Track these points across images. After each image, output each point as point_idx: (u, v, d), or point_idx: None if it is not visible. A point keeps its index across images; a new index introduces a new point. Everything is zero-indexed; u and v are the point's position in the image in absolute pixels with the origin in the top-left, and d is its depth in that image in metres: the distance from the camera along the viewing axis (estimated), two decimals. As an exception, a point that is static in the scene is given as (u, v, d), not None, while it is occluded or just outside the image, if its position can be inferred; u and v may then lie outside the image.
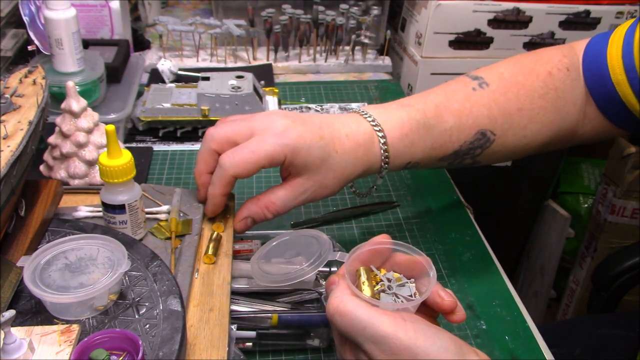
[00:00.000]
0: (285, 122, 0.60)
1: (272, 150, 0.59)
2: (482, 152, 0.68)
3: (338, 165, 0.62)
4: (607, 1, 1.13)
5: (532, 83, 0.68)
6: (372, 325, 0.46)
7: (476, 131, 0.66)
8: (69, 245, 0.53)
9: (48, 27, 0.80)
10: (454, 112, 0.66)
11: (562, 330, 0.98)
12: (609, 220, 1.44)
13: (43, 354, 0.45)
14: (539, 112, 0.68)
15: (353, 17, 1.17)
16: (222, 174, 0.60)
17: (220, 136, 0.62)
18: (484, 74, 0.69)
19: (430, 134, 0.65)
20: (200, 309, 0.56)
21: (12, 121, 0.58)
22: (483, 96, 0.67)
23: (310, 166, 0.61)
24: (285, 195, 0.62)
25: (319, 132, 0.61)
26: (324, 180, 0.62)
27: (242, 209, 0.64)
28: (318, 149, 0.60)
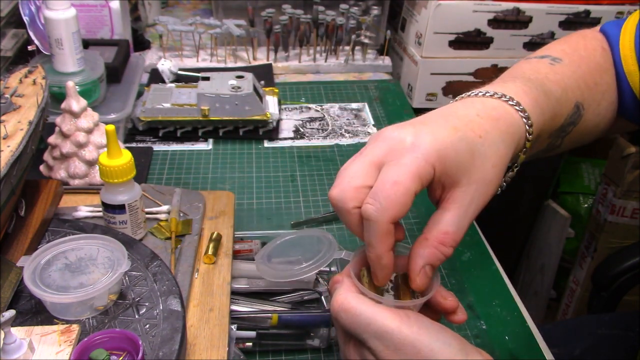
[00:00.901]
0: (407, 132, 0.49)
1: (416, 168, 0.47)
2: (573, 129, 0.61)
3: (490, 150, 0.50)
4: (607, 1, 1.13)
5: (595, 58, 0.64)
6: (375, 321, 0.46)
7: (574, 103, 0.60)
8: (69, 245, 0.53)
9: (48, 27, 0.80)
10: (555, 82, 0.59)
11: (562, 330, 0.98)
12: (609, 220, 1.44)
13: (43, 354, 0.45)
14: (607, 88, 0.64)
15: (353, 17, 1.17)
16: (376, 228, 0.47)
17: (349, 191, 0.48)
18: (548, 52, 0.63)
19: (550, 100, 0.56)
20: (200, 309, 0.56)
21: (12, 121, 0.58)
22: (564, 69, 0.61)
23: (463, 166, 0.49)
24: (455, 216, 0.49)
25: (449, 124, 0.50)
26: (485, 175, 0.50)
27: (415, 258, 0.49)
28: (460, 141, 0.48)
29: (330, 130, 1.01)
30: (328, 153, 0.95)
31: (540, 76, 0.59)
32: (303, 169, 0.91)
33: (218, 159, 0.92)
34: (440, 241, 0.49)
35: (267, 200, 0.83)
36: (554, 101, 0.57)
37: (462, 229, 0.50)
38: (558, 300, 1.66)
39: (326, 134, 1.00)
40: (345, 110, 1.07)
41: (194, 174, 0.88)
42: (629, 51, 0.64)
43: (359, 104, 1.10)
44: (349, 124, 1.03)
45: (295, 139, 0.98)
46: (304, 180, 0.88)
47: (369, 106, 1.09)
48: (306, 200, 0.84)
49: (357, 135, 1.00)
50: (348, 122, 1.04)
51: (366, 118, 1.05)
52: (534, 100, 0.54)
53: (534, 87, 0.55)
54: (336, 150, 0.96)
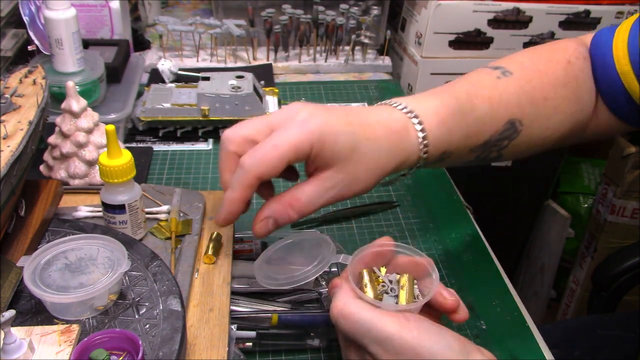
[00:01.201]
0: (306, 110, 0.54)
1: (296, 140, 0.52)
2: (509, 144, 0.64)
3: (371, 155, 0.54)
4: (607, 1, 1.13)
5: (554, 71, 0.65)
6: (375, 327, 0.46)
7: (507, 120, 0.62)
8: (69, 245, 0.53)
9: (48, 27, 0.80)
10: (485, 99, 0.61)
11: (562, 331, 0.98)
12: (609, 220, 1.44)
13: (43, 354, 0.45)
14: (563, 102, 0.65)
15: (353, 17, 1.17)
16: (244, 176, 0.53)
17: (238, 136, 0.55)
18: (504, 64, 0.66)
19: (466, 120, 0.60)
20: (200, 309, 0.56)
21: (12, 121, 0.58)
22: (509, 84, 0.63)
23: (339, 155, 0.53)
24: (312, 190, 0.54)
25: (346, 117, 0.54)
26: (356, 172, 0.54)
27: (263, 208, 0.56)
28: (346, 134, 0.53)
29: (330, 130, 1.01)
30: (328, 153, 0.95)
31: (473, 91, 0.62)
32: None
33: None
34: (290, 204, 0.54)
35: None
36: (472, 120, 0.60)
37: (314, 204, 0.54)
38: (558, 300, 1.66)
39: (326, 134, 1.00)
40: (345, 110, 1.07)
41: (194, 174, 0.88)
42: (621, 52, 0.64)
43: (359, 104, 1.09)
44: (349, 124, 1.03)
45: (295, 139, 0.98)
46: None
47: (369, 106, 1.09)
48: (306, 200, 0.84)
49: (357, 135, 1.00)
50: (348, 122, 1.03)
51: (366, 118, 1.05)
52: (441, 121, 0.58)
53: (450, 107, 0.59)
54: (336, 150, 0.96)
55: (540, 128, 0.64)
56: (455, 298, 0.51)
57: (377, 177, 0.56)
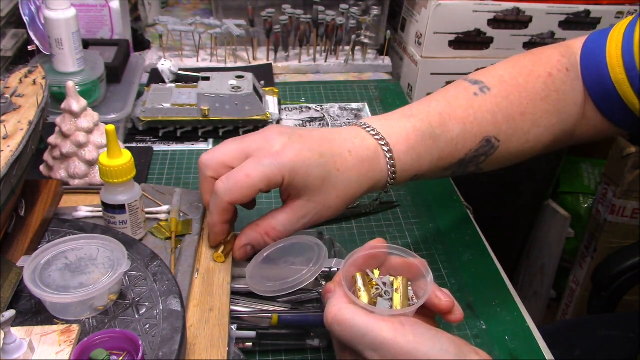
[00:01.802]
0: (281, 140, 0.57)
1: (268, 172, 0.55)
2: (486, 159, 0.66)
3: (341, 184, 0.58)
4: (607, 1, 1.13)
5: (534, 86, 0.66)
6: (371, 332, 0.46)
7: (482, 138, 0.64)
8: (69, 245, 0.53)
9: (48, 27, 0.80)
10: (459, 120, 0.63)
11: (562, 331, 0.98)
12: (609, 220, 1.44)
13: (43, 354, 0.45)
14: (542, 115, 0.66)
15: (353, 17, 1.17)
16: (218, 201, 0.57)
17: (214, 162, 0.58)
18: (484, 78, 0.67)
19: (437, 144, 0.62)
20: (200, 309, 0.56)
21: (12, 121, 0.58)
22: (486, 101, 0.64)
23: (310, 187, 0.57)
24: (286, 219, 0.58)
25: (319, 149, 0.57)
26: (326, 201, 0.58)
27: (241, 235, 0.60)
28: (318, 167, 0.56)
29: (330, 130, 1.01)
30: (328, 153, 0.95)
31: (449, 111, 0.64)
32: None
33: (218, 159, 0.92)
34: (266, 232, 0.59)
35: (267, 200, 0.83)
36: (444, 143, 0.62)
37: (288, 232, 0.59)
38: (558, 300, 1.66)
39: (326, 134, 1.00)
40: (345, 110, 1.07)
41: (194, 174, 0.88)
42: (615, 60, 0.64)
43: (359, 104, 1.10)
44: (349, 124, 1.03)
45: (295, 139, 0.98)
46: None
47: (369, 106, 1.09)
48: (306, 200, 0.84)
49: (357, 135, 1.00)
50: (348, 122, 1.03)
51: (366, 118, 1.05)
52: (411, 147, 0.61)
53: (420, 132, 0.61)
54: (336, 150, 0.96)
55: (519, 142, 0.66)
56: (450, 299, 0.51)
57: (346, 203, 0.60)
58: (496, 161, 0.67)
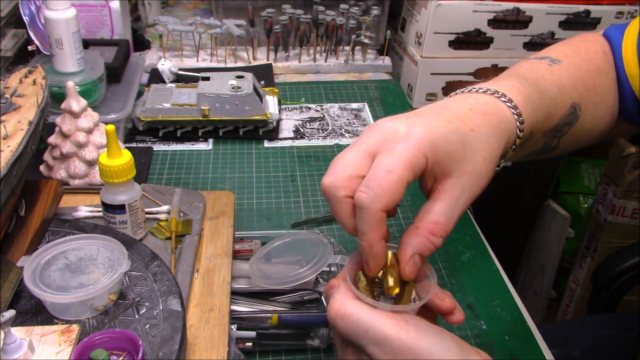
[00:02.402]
0: (401, 123, 0.49)
1: (410, 156, 0.47)
2: (568, 130, 0.62)
3: (481, 144, 0.50)
4: (607, 1, 1.13)
5: (595, 60, 0.64)
6: (373, 328, 0.46)
7: (570, 104, 0.60)
8: (69, 245, 0.53)
9: (48, 27, 0.80)
10: (550, 83, 0.59)
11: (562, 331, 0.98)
12: (609, 220, 1.44)
13: (43, 354, 0.45)
14: (607, 91, 0.64)
15: (353, 17, 1.17)
16: (368, 214, 0.47)
17: (341, 179, 0.48)
18: (548, 54, 0.64)
19: (544, 99, 0.57)
20: (200, 309, 0.56)
21: (12, 121, 0.58)
22: (562, 70, 0.61)
23: (455, 157, 0.49)
24: (445, 206, 0.49)
25: (441, 116, 0.50)
26: (476, 167, 0.50)
27: (403, 247, 0.49)
28: (452, 133, 0.49)
29: (330, 130, 1.01)
30: (328, 153, 0.95)
31: (537, 75, 0.59)
32: (303, 169, 0.91)
33: (218, 159, 0.92)
34: (430, 231, 0.49)
35: (267, 200, 0.83)
36: (549, 100, 0.57)
37: (453, 220, 0.49)
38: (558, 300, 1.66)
39: (326, 134, 1.00)
40: (345, 110, 1.07)
41: (194, 174, 0.88)
42: (630, 54, 0.64)
43: (359, 104, 1.10)
44: (349, 124, 1.03)
45: (295, 139, 0.98)
46: (304, 180, 0.88)
47: (369, 106, 1.09)
48: (306, 200, 0.84)
49: (357, 135, 1.00)
50: (348, 122, 1.04)
51: (366, 118, 1.05)
52: (527, 97, 0.55)
53: (528, 85, 0.56)
54: (336, 150, 0.96)
55: (590, 116, 0.63)
56: (451, 300, 0.51)
57: (493, 165, 0.51)
58: (571, 137, 0.63)
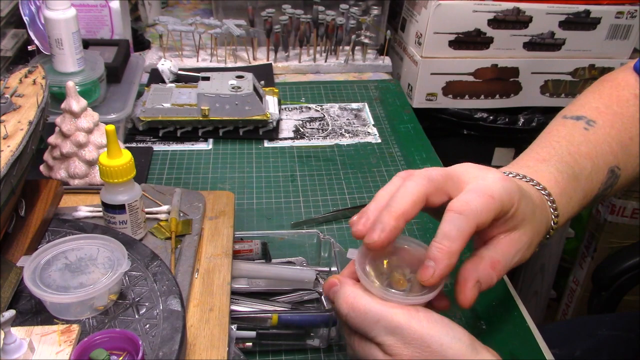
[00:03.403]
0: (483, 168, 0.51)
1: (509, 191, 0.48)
2: (612, 190, 0.64)
3: (539, 221, 0.53)
4: (607, 1, 1.13)
5: (627, 110, 0.66)
6: (385, 317, 0.46)
7: (607, 170, 0.63)
8: (69, 245, 0.53)
9: (48, 27, 0.80)
10: (586, 156, 0.62)
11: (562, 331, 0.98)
12: (609, 220, 1.44)
13: (43, 354, 0.45)
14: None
15: (353, 17, 1.17)
16: (464, 225, 0.46)
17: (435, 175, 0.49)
18: (583, 112, 0.66)
19: (579, 183, 0.60)
20: (200, 309, 0.56)
21: (12, 121, 0.58)
22: (597, 133, 0.63)
23: (527, 217, 0.51)
24: (506, 253, 0.50)
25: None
26: (533, 236, 0.52)
27: (467, 271, 0.50)
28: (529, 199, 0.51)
29: (330, 130, 1.01)
30: (328, 153, 0.95)
31: (574, 149, 0.61)
32: (303, 169, 0.91)
33: (218, 159, 0.92)
34: (492, 266, 0.50)
35: (267, 200, 0.83)
36: (584, 181, 0.60)
37: (506, 268, 0.51)
38: (558, 300, 1.66)
39: (326, 134, 1.00)
40: (345, 110, 1.07)
41: (194, 174, 0.88)
42: None
43: (359, 104, 1.10)
44: (349, 124, 1.03)
45: (295, 139, 0.98)
46: (304, 180, 0.88)
47: (369, 106, 1.09)
48: (306, 200, 0.84)
49: (357, 135, 1.00)
50: (348, 122, 1.04)
51: (366, 118, 1.05)
52: (563, 190, 0.58)
53: (565, 173, 0.59)
54: (336, 150, 0.96)
55: (632, 167, 0.65)
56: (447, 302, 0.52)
57: (538, 245, 0.54)
58: (614, 191, 0.65)
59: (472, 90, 1.17)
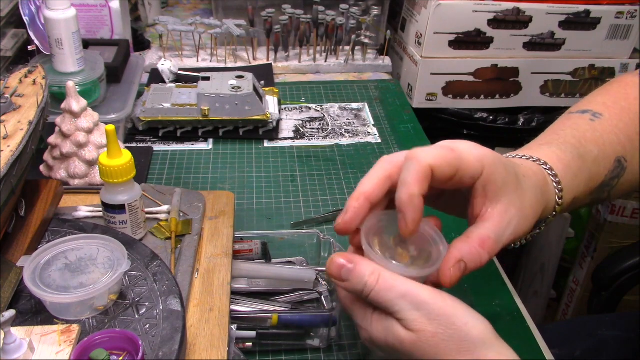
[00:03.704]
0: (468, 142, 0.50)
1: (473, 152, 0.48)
2: (617, 182, 0.64)
3: (529, 192, 0.51)
4: (607, 1, 1.13)
5: (636, 107, 0.65)
6: (411, 293, 0.46)
7: (614, 159, 0.62)
8: (69, 245, 0.53)
9: (48, 27, 0.80)
10: (592, 141, 0.61)
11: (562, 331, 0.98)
12: (609, 220, 1.44)
13: (43, 354, 0.45)
14: None
15: (353, 17, 1.17)
16: (417, 167, 0.46)
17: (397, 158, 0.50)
18: (589, 106, 0.65)
19: (585, 164, 0.59)
20: (200, 309, 0.56)
21: (12, 121, 0.58)
22: (604, 124, 0.63)
23: (508, 185, 0.50)
24: (496, 227, 0.49)
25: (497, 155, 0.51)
26: (524, 208, 0.51)
27: (452, 250, 0.49)
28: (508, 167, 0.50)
29: (330, 130, 1.01)
30: (328, 153, 0.95)
31: (578, 134, 0.61)
32: (303, 169, 0.91)
33: (218, 159, 0.92)
34: (481, 244, 0.49)
35: (267, 200, 0.83)
36: (590, 162, 0.59)
37: (499, 244, 0.49)
38: (558, 300, 1.66)
39: (326, 134, 1.00)
40: (345, 110, 1.07)
41: (194, 174, 0.88)
42: None
43: (359, 104, 1.10)
44: (349, 124, 1.03)
45: (295, 139, 0.98)
46: (304, 180, 0.88)
47: (369, 106, 1.09)
48: (306, 200, 0.84)
49: (357, 135, 1.00)
50: (348, 122, 1.04)
51: (366, 118, 1.05)
52: (567, 166, 0.57)
53: (568, 152, 0.58)
54: (336, 150, 0.96)
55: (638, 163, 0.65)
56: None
57: (535, 218, 0.52)
58: (622, 186, 0.65)
59: (472, 90, 1.17)
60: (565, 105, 1.23)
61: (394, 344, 0.46)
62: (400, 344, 0.46)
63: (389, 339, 0.46)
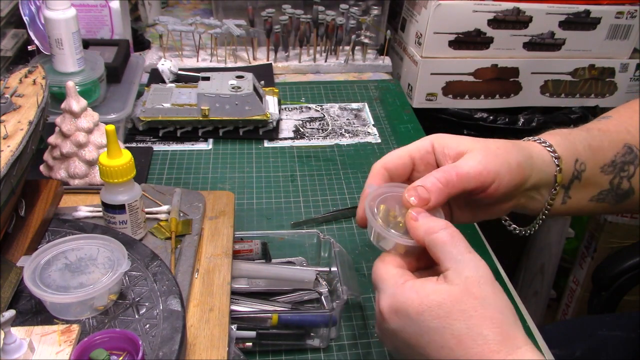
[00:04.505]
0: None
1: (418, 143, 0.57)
2: (635, 170, 0.64)
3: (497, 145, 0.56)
4: (607, 1, 1.13)
5: None
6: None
7: (623, 144, 0.63)
8: (69, 245, 0.53)
9: (48, 27, 0.80)
10: (598, 129, 0.64)
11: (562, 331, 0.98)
12: (609, 220, 1.44)
13: (43, 354, 0.45)
14: None
15: (353, 17, 1.17)
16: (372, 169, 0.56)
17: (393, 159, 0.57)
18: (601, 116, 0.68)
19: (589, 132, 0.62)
20: (200, 309, 0.56)
21: (12, 121, 0.58)
22: (612, 121, 0.65)
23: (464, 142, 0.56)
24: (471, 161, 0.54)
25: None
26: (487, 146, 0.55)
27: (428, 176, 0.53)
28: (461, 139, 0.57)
29: (330, 130, 1.01)
30: (328, 153, 0.95)
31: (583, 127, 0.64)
32: (303, 169, 0.91)
33: (218, 159, 0.92)
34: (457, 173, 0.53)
35: (267, 200, 0.83)
36: (594, 133, 0.62)
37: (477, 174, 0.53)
38: (558, 300, 1.66)
39: (326, 134, 1.00)
40: (345, 110, 1.07)
41: (194, 174, 0.88)
42: None
43: (359, 104, 1.10)
44: (349, 124, 1.03)
45: (295, 139, 0.98)
46: (304, 180, 0.88)
47: (369, 106, 1.09)
48: (306, 200, 0.84)
49: (357, 135, 1.00)
50: (348, 122, 1.04)
51: (366, 118, 1.05)
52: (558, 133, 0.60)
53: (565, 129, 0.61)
54: (336, 150, 0.96)
55: None
56: None
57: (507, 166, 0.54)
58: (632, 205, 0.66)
59: (472, 90, 1.17)
60: (565, 105, 1.23)
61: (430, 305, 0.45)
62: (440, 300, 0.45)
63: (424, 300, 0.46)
